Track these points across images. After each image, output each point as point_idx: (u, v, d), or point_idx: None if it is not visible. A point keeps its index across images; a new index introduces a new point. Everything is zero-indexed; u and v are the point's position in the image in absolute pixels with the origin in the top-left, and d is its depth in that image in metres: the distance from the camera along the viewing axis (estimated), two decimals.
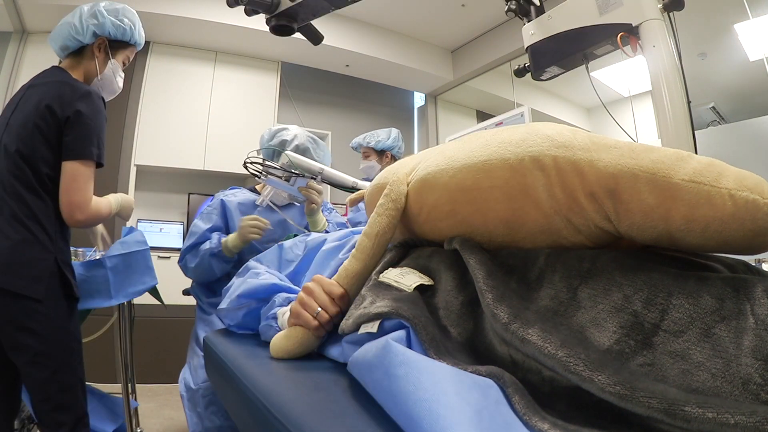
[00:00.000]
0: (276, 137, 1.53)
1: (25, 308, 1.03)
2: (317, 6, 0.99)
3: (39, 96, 1.13)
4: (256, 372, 0.59)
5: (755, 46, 2.78)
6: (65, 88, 1.14)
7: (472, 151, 0.56)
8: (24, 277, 1.04)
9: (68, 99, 1.12)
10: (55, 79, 1.18)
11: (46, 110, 1.10)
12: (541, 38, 1.30)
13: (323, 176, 1.32)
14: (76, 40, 1.23)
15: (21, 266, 1.04)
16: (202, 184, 3.37)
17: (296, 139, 1.52)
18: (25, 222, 1.06)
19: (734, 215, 0.41)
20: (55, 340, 1.08)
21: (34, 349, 1.04)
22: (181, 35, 3.23)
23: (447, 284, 0.55)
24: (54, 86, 1.15)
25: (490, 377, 0.39)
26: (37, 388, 1.06)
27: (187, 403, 1.34)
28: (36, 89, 1.16)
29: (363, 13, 3.57)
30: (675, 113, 1.01)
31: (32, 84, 1.19)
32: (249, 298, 0.83)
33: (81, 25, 1.22)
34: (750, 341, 0.35)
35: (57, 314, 1.09)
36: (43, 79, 1.19)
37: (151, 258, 1.46)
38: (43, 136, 1.10)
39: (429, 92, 4.40)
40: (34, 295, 1.04)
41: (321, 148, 1.57)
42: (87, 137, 1.12)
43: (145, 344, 2.57)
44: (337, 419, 0.40)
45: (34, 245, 1.06)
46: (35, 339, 1.04)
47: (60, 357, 1.08)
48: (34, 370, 1.05)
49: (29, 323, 1.04)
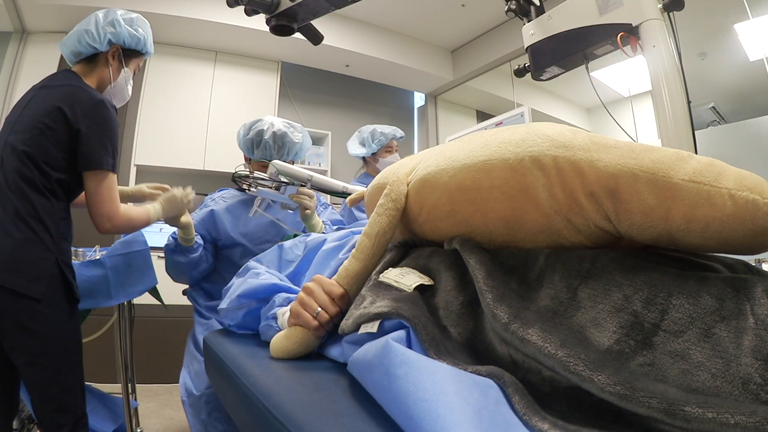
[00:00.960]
0: (252, 130, 1.53)
1: (26, 308, 1.03)
2: (317, 6, 0.99)
3: (51, 98, 1.13)
4: (256, 372, 0.59)
5: (755, 46, 2.78)
6: (80, 93, 1.15)
7: (472, 151, 0.56)
8: (25, 276, 1.04)
9: (82, 106, 1.13)
10: (69, 82, 1.18)
11: (58, 112, 1.10)
12: (541, 38, 1.30)
13: (312, 183, 1.32)
14: (91, 47, 1.23)
15: (23, 265, 1.04)
16: (202, 184, 3.37)
17: (272, 126, 1.52)
18: (29, 221, 1.06)
19: (734, 215, 0.41)
20: (55, 342, 1.08)
21: (34, 350, 1.04)
22: (181, 35, 3.23)
23: (447, 284, 0.55)
24: (68, 90, 1.15)
25: (490, 377, 0.39)
26: (36, 389, 1.06)
27: (189, 409, 1.33)
28: (49, 91, 1.16)
29: (363, 13, 3.57)
30: (675, 113, 1.01)
31: (45, 85, 1.19)
32: (249, 298, 0.83)
33: (97, 33, 1.22)
34: (750, 341, 0.35)
35: (57, 315, 1.08)
36: (57, 82, 1.19)
37: (151, 258, 1.46)
38: (53, 138, 1.10)
39: (429, 92, 4.40)
40: (34, 294, 1.04)
41: (298, 130, 1.58)
42: (104, 147, 1.14)
43: (145, 344, 2.57)
44: (337, 419, 0.40)
45: (36, 245, 1.06)
46: (35, 339, 1.04)
47: (60, 358, 1.08)
48: (33, 371, 1.05)
49: (29, 323, 1.04)
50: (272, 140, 1.52)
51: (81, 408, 1.12)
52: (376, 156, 2.22)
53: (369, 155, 2.23)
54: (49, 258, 1.08)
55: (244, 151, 1.59)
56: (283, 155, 1.56)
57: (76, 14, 2.80)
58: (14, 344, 1.04)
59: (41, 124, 1.10)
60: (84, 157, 1.12)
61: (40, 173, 1.09)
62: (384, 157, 2.20)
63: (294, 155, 1.60)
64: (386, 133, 2.18)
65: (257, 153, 1.54)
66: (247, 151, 1.57)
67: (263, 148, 1.53)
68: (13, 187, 1.07)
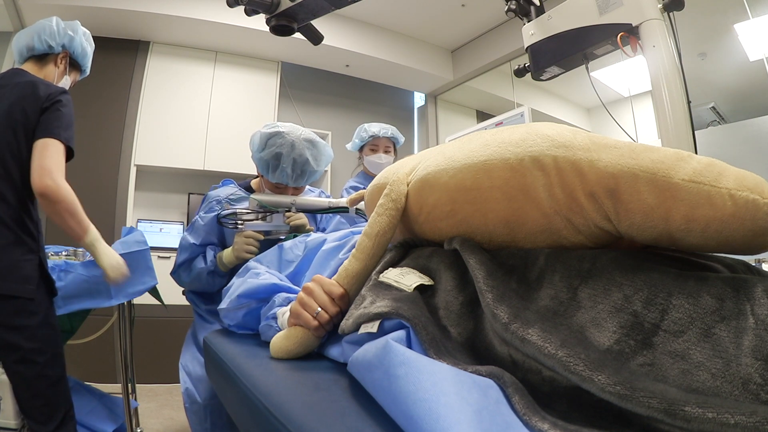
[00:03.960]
0: (267, 147, 1.36)
1: (18, 308, 1.07)
2: (317, 6, 0.99)
3: (13, 99, 1.14)
4: (256, 372, 0.59)
5: (755, 46, 2.77)
6: (41, 86, 1.17)
7: (472, 151, 0.56)
8: (15, 279, 1.07)
9: (44, 93, 1.15)
10: (25, 79, 1.19)
11: (25, 112, 1.12)
12: (541, 38, 1.30)
13: (297, 206, 1.32)
14: (47, 43, 1.26)
15: (9, 270, 1.07)
16: (202, 184, 3.37)
17: (293, 150, 1.35)
18: (11, 225, 1.09)
19: (734, 215, 0.41)
20: (44, 337, 1.12)
21: (25, 347, 1.08)
22: (181, 35, 3.22)
23: (447, 284, 0.55)
24: (28, 86, 1.16)
25: (490, 377, 0.39)
26: (25, 386, 1.09)
27: (192, 416, 1.32)
28: (6, 91, 1.16)
29: (363, 13, 3.57)
30: (675, 113, 1.01)
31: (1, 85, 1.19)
32: (249, 298, 0.83)
33: (58, 32, 1.26)
34: (750, 341, 0.35)
35: (45, 311, 1.13)
36: (10, 80, 1.19)
37: (151, 258, 1.46)
38: (24, 137, 1.13)
39: (429, 92, 4.40)
40: (27, 295, 1.08)
41: (320, 151, 1.42)
42: (59, 121, 1.15)
43: (145, 344, 2.57)
44: (337, 419, 0.40)
45: (20, 246, 1.10)
46: (26, 337, 1.08)
47: (48, 352, 1.12)
48: (23, 368, 1.08)
49: (21, 322, 1.07)
50: (290, 169, 1.37)
51: (68, 400, 1.16)
52: (362, 153, 2.23)
53: (354, 150, 2.25)
54: (34, 258, 1.12)
55: (259, 167, 1.43)
56: (300, 183, 1.42)
57: (76, 14, 2.81)
58: (4, 344, 1.07)
59: (15, 125, 1.12)
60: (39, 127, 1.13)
61: (21, 176, 1.12)
62: (368, 154, 2.18)
63: (309, 179, 1.45)
64: (368, 130, 2.17)
65: (272, 177, 1.39)
66: (262, 169, 1.41)
67: (280, 174, 1.37)
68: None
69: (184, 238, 1.43)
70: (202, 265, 1.39)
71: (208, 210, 1.45)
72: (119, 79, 3.12)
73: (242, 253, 1.31)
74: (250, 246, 1.31)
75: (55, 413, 1.11)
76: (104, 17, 2.89)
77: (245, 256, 1.30)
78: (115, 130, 3.06)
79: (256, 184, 1.54)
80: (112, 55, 3.09)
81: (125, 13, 2.87)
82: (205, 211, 1.45)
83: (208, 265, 1.38)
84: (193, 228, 1.43)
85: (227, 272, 1.39)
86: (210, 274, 1.39)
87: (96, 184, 2.90)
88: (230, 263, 1.35)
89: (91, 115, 2.95)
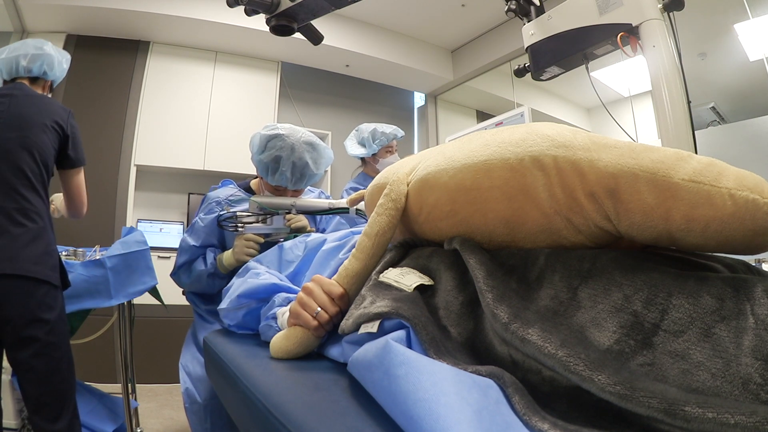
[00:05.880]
0: (267, 150, 1.35)
1: (45, 295, 1.11)
2: (317, 6, 0.98)
3: (38, 107, 1.25)
4: (256, 372, 0.59)
5: (755, 46, 2.77)
6: (58, 105, 1.32)
7: (472, 151, 0.56)
8: (48, 266, 1.14)
9: (65, 116, 1.30)
10: (38, 93, 1.31)
11: (56, 123, 1.26)
12: (541, 38, 1.30)
13: (296, 208, 1.32)
14: (42, 70, 1.36)
15: (43, 257, 1.13)
16: (202, 184, 3.37)
17: (292, 153, 1.34)
18: (44, 215, 1.18)
19: (734, 215, 0.41)
20: (60, 332, 1.14)
21: (42, 341, 1.09)
22: (181, 35, 3.22)
23: (447, 284, 0.55)
24: (48, 101, 1.30)
25: (490, 377, 0.39)
26: (38, 381, 1.10)
27: (192, 416, 1.32)
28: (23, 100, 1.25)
29: (363, 13, 3.57)
30: (675, 113, 1.01)
31: (11, 94, 1.25)
32: (249, 298, 0.83)
33: (58, 63, 1.38)
34: (750, 341, 0.35)
35: (61, 306, 1.17)
36: (21, 91, 1.27)
37: (151, 258, 1.46)
38: (55, 144, 1.26)
39: (429, 92, 4.40)
40: (56, 281, 1.14)
41: (320, 153, 1.41)
42: (81, 148, 1.35)
43: (145, 344, 2.57)
44: (337, 419, 0.40)
45: (50, 234, 1.18)
46: (45, 331, 1.10)
47: (63, 347, 1.14)
48: (39, 362, 1.09)
49: (42, 315, 1.10)
50: (290, 172, 1.36)
51: (75, 398, 1.17)
52: (377, 156, 2.19)
53: (369, 156, 2.20)
54: (57, 250, 1.19)
55: (258, 169, 1.43)
56: (300, 186, 1.42)
57: (77, 14, 2.81)
58: (26, 336, 1.08)
59: (49, 131, 1.23)
60: (71, 159, 1.32)
61: (46, 174, 1.23)
62: (384, 157, 2.16)
63: (309, 182, 1.45)
64: (387, 132, 2.14)
65: (272, 179, 1.39)
66: (262, 172, 1.41)
67: (279, 177, 1.37)
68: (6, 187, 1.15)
69: (183, 239, 1.42)
70: (202, 267, 1.39)
71: (208, 211, 1.44)
72: (119, 79, 3.12)
73: (242, 256, 1.31)
74: (251, 249, 1.31)
75: (65, 411, 1.11)
76: (104, 17, 2.89)
77: (245, 259, 1.30)
78: (115, 130, 3.06)
79: (255, 185, 1.54)
80: (112, 55, 3.09)
81: (125, 13, 2.87)
82: (204, 213, 1.44)
83: (208, 267, 1.38)
84: (193, 229, 1.42)
85: (227, 274, 1.38)
86: (210, 276, 1.38)
87: (96, 184, 2.89)
88: (230, 266, 1.35)
89: (91, 115, 2.95)
